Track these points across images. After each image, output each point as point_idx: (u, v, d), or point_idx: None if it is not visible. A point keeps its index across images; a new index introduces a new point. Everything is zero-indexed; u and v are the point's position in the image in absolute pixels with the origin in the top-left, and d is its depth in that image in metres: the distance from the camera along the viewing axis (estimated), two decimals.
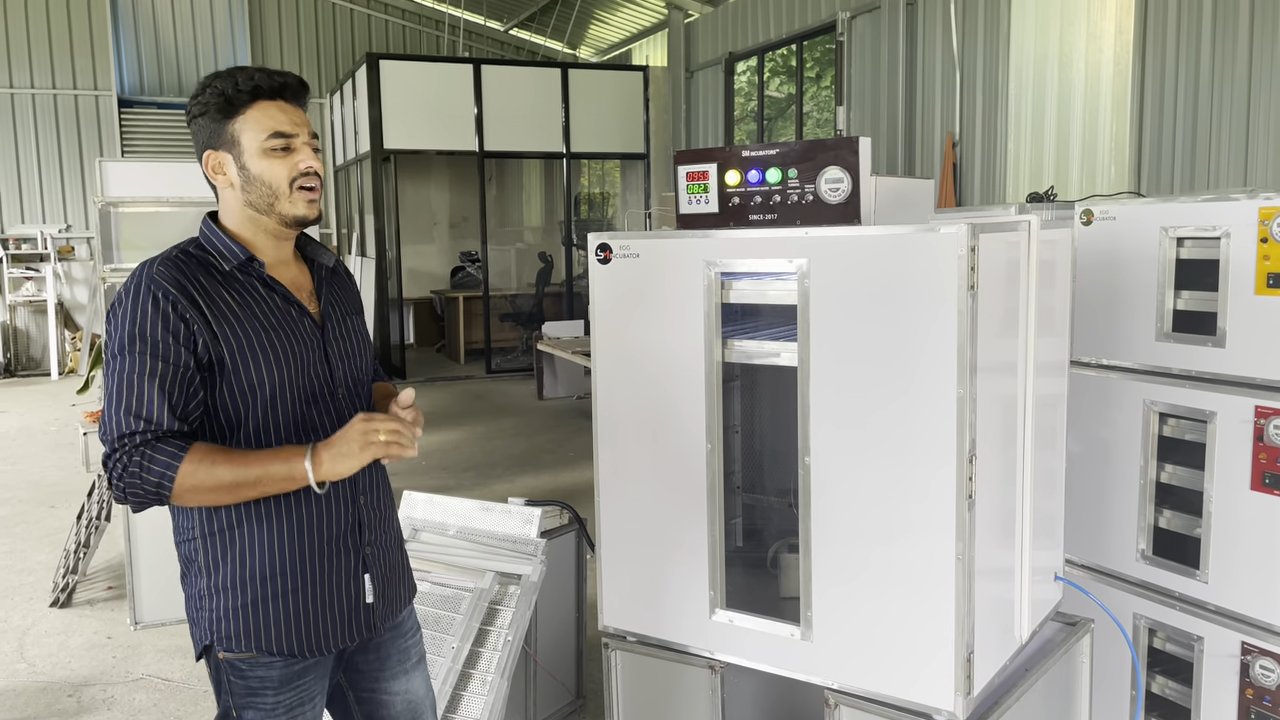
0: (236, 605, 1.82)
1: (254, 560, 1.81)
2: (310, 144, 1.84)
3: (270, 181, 1.80)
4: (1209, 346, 2.54)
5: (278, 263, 1.89)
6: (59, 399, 10.74)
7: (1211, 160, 6.34)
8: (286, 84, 1.82)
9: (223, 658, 1.84)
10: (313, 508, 1.84)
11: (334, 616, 1.88)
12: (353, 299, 2.04)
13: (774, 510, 2.55)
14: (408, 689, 2.10)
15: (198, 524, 1.83)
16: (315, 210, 1.85)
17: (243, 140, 1.80)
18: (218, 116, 1.82)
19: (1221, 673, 2.55)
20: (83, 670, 4.11)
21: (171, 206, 4.89)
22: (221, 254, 1.82)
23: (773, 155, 2.22)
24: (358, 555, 1.91)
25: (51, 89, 13.25)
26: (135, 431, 1.66)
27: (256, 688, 1.85)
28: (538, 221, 15.01)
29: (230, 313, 1.76)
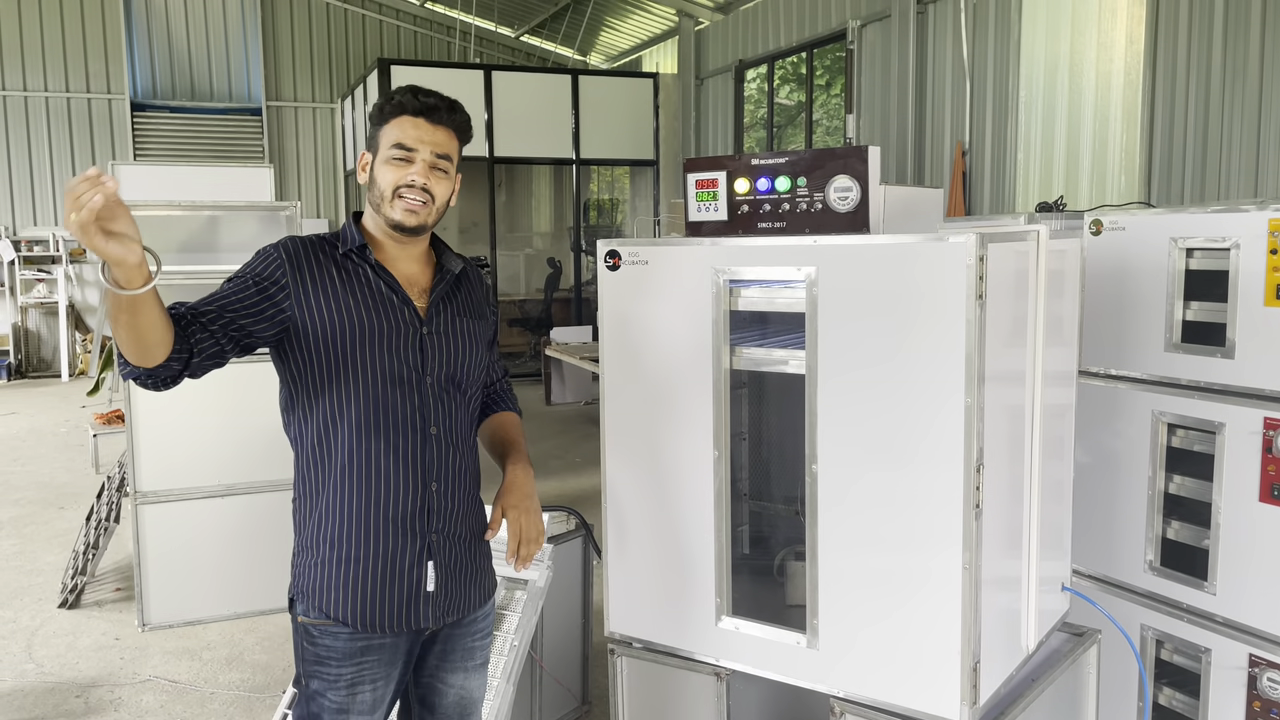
0: (311, 562, 2.00)
1: (328, 524, 1.98)
2: (430, 161, 1.97)
3: (381, 185, 1.98)
4: (1218, 357, 2.54)
5: (399, 259, 2.04)
6: (69, 400, 10.80)
7: (1222, 171, 6.33)
8: (432, 106, 1.99)
9: (300, 621, 2.02)
10: (383, 484, 1.97)
11: (393, 596, 1.98)
12: (477, 304, 2.16)
13: (781, 517, 2.55)
14: (464, 685, 2.19)
15: (297, 485, 2.04)
16: (412, 219, 1.97)
17: (380, 146, 1.99)
18: (374, 122, 2.03)
19: (1229, 685, 2.55)
20: (90, 671, 4.12)
21: (184, 210, 4.92)
22: (343, 239, 2.02)
23: (782, 164, 2.23)
24: (423, 541, 2.01)
25: (65, 92, 13.34)
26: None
27: (323, 656, 1.99)
28: (547, 227, 15.05)
29: (330, 286, 1.95)
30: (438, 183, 1.99)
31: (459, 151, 2.06)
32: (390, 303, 1.98)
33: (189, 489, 4.55)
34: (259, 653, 4.29)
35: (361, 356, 1.94)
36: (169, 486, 4.52)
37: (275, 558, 4.68)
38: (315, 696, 2.02)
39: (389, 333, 1.96)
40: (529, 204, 15.33)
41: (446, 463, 2.03)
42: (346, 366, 1.94)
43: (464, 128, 2.05)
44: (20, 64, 13.13)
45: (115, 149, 13.49)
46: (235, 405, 4.58)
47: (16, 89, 13.12)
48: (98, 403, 8.93)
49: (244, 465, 4.59)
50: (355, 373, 1.94)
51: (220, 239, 5.03)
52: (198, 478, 4.56)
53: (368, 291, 1.97)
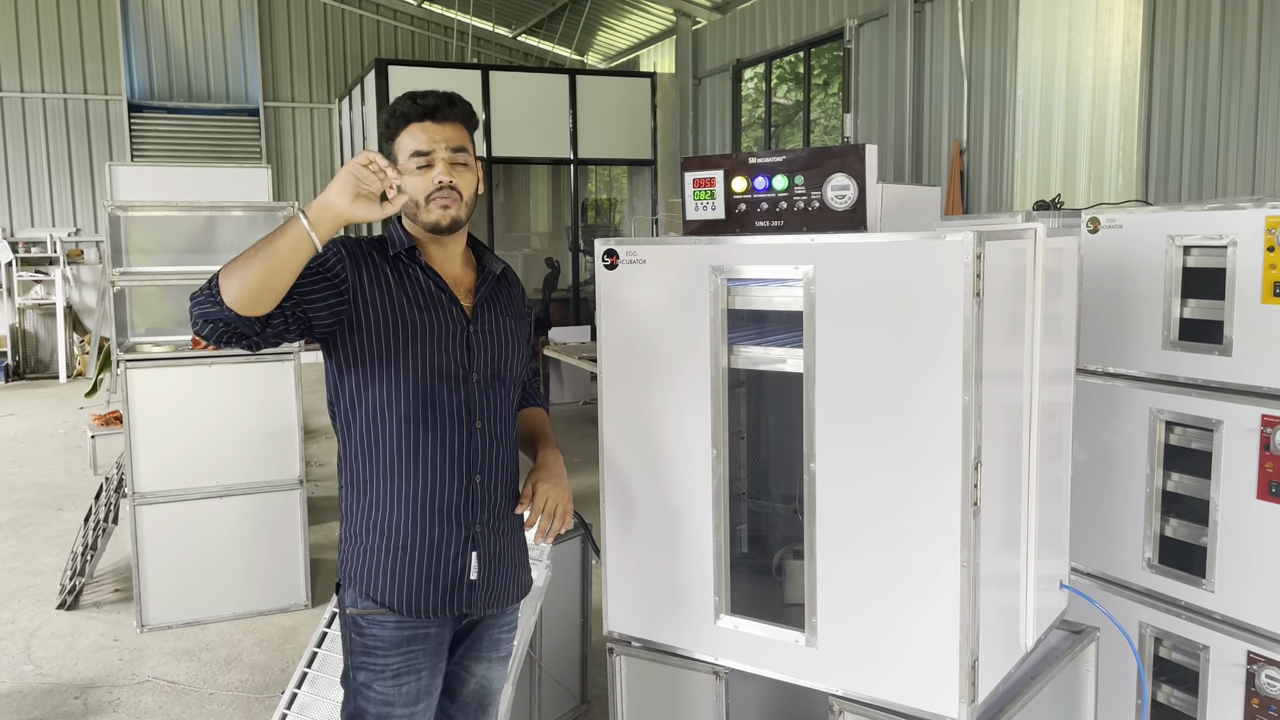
0: (359, 550, 2.08)
1: (376, 512, 2.06)
2: (449, 158, 2.04)
3: (412, 195, 2.04)
4: (1215, 355, 2.54)
5: (443, 260, 2.13)
6: (67, 402, 10.79)
7: (1219, 168, 6.34)
8: (433, 106, 2.05)
9: (349, 613, 2.09)
10: (430, 474, 2.05)
11: (438, 583, 2.06)
12: (516, 304, 2.25)
13: (779, 516, 2.55)
14: (486, 674, 2.27)
15: (344, 474, 2.12)
16: (448, 217, 2.05)
17: (399, 161, 2.06)
18: (387, 139, 2.10)
19: (1227, 682, 2.55)
20: (89, 672, 4.12)
21: (181, 211, 4.91)
22: (393, 242, 2.10)
23: (779, 162, 2.23)
24: (468, 531, 2.09)
25: (62, 93, 13.33)
26: None
27: (371, 645, 2.07)
28: (545, 227, 15.04)
29: (385, 284, 2.04)
30: (460, 176, 2.06)
31: (471, 140, 2.13)
32: (439, 301, 2.08)
33: (187, 490, 4.55)
34: (258, 653, 4.29)
35: (412, 351, 2.02)
36: (167, 487, 4.52)
37: (274, 558, 4.70)
38: (361, 689, 2.09)
39: (439, 330, 2.05)
40: (527, 204, 15.32)
41: (490, 456, 2.12)
42: (397, 360, 2.02)
43: (469, 118, 2.12)
44: (18, 65, 13.12)
45: (112, 150, 13.48)
46: (233, 406, 4.58)
47: (14, 90, 13.11)
48: (95, 404, 8.92)
49: (242, 466, 4.59)
50: (406, 367, 2.02)
51: (218, 239, 5.03)
52: (196, 478, 4.56)
53: (419, 290, 2.06)
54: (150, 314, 5.02)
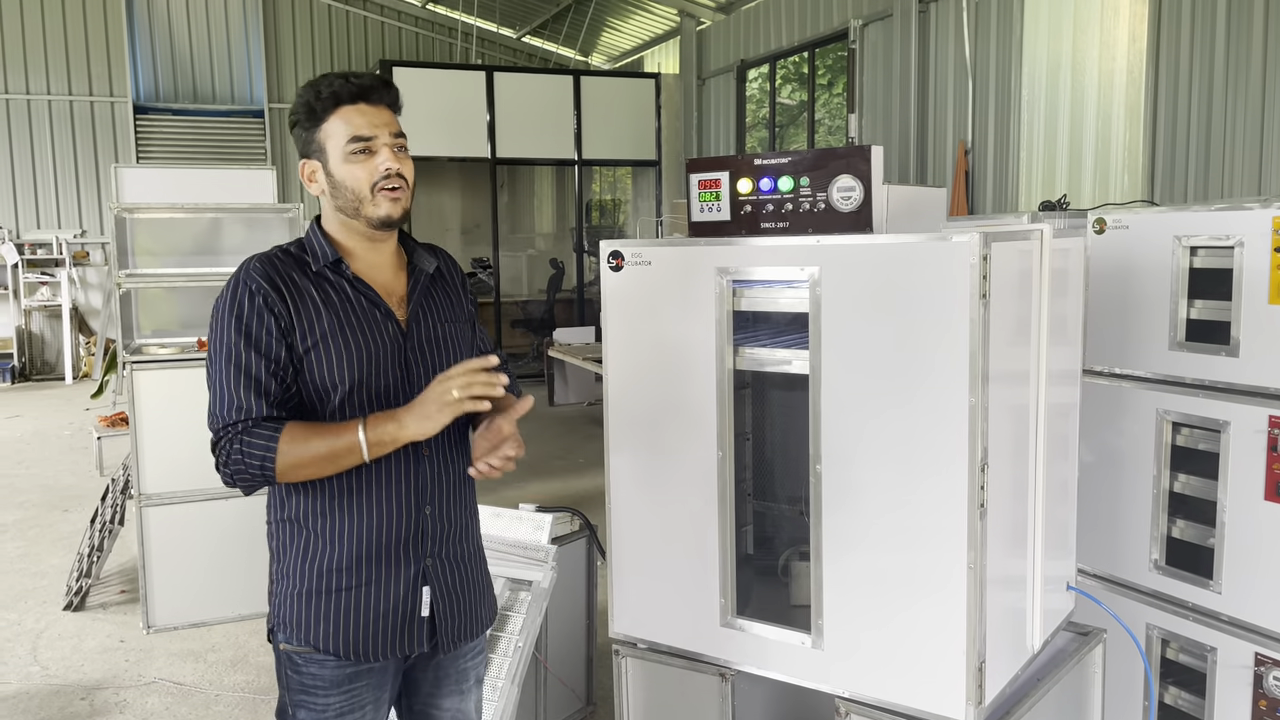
0: (294, 593, 1.88)
1: (313, 553, 1.87)
2: (392, 143, 1.87)
3: (353, 186, 1.85)
4: (1222, 356, 2.53)
5: (373, 266, 1.93)
6: (73, 403, 10.81)
7: (1225, 169, 6.32)
8: (367, 87, 1.86)
9: (282, 649, 1.91)
10: (375, 510, 1.87)
11: (386, 625, 1.89)
12: (455, 305, 2.05)
13: (785, 518, 2.55)
14: (460, 708, 2.11)
15: (274, 510, 1.92)
16: (399, 209, 1.88)
17: (328, 148, 1.86)
18: (307, 125, 1.88)
19: (1234, 684, 2.54)
20: (95, 674, 4.13)
21: (186, 213, 4.92)
22: (315, 254, 1.89)
23: (785, 163, 2.23)
24: (418, 566, 1.91)
25: (68, 95, 13.36)
26: (237, 421, 1.77)
27: (310, 685, 1.90)
28: (549, 228, 15.05)
29: (315, 310, 1.84)
30: (404, 164, 1.89)
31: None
32: (373, 319, 1.88)
33: (193, 491, 4.55)
34: (264, 654, 4.29)
35: (352, 379, 1.83)
36: (173, 489, 4.53)
37: None
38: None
39: (375, 352, 1.86)
40: (531, 205, 15.33)
41: (440, 483, 1.94)
42: (340, 391, 1.83)
43: (398, 103, 1.94)
44: (23, 67, 13.15)
45: (118, 151, 13.51)
46: None
47: (19, 92, 13.14)
48: (101, 405, 8.94)
49: None
50: (341, 396, 1.83)
51: (223, 241, 5.04)
52: (202, 480, 4.56)
53: (350, 309, 1.87)
54: (156, 316, 5.04)
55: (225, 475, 1.80)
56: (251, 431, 1.76)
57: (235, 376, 1.78)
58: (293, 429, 1.77)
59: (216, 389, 1.80)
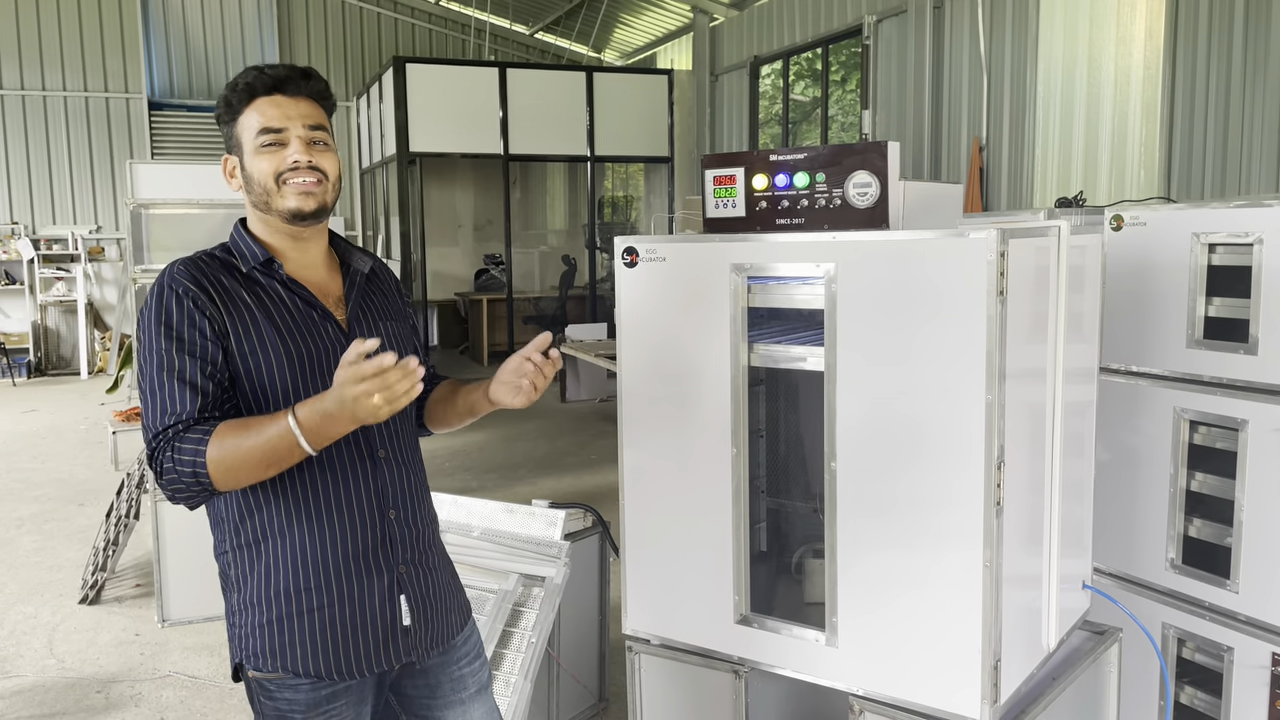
0: (262, 621, 1.78)
1: (279, 575, 1.77)
2: (306, 135, 1.77)
3: (260, 179, 1.77)
4: (1241, 354, 2.51)
5: (304, 265, 1.85)
6: (88, 398, 10.87)
7: (1243, 165, 6.27)
8: (283, 78, 1.77)
9: (252, 676, 1.81)
10: (335, 521, 1.77)
11: (366, 639, 1.81)
12: (392, 304, 1.98)
13: (799, 515, 2.54)
14: (465, 717, 2.01)
15: (229, 537, 1.81)
16: (311, 203, 1.77)
17: (243, 141, 1.79)
18: (226, 120, 1.81)
19: (1252, 684, 2.52)
20: (111, 667, 4.15)
21: (201, 208, 4.94)
22: (243, 255, 1.80)
23: (801, 159, 2.22)
24: (391, 575, 1.83)
25: (83, 91, 13.43)
26: (168, 427, 1.65)
27: (285, 710, 1.80)
28: (561, 225, 15.06)
29: (248, 313, 1.74)
30: (322, 157, 1.78)
31: (329, 121, 1.84)
32: (310, 320, 1.79)
33: None
34: None
35: (293, 385, 1.73)
36: None
37: None
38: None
39: (316, 355, 1.77)
40: (544, 201, 15.34)
41: (400, 486, 1.87)
42: (278, 397, 1.72)
43: (325, 95, 1.83)
44: (39, 64, 13.22)
45: (133, 148, 13.57)
46: None
47: (35, 88, 13.22)
48: (117, 400, 8.99)
49: None
50: (289, 403, 1.67)
51: None
52: None
53: (285, 312, 1.77)
54: None
55: (164, 489, 1.67)
56: (182, 437, 1.63)
57: (167, 382, 1.67)
58: (222, 429, 1.63)
59: (150, 399, 1.68)
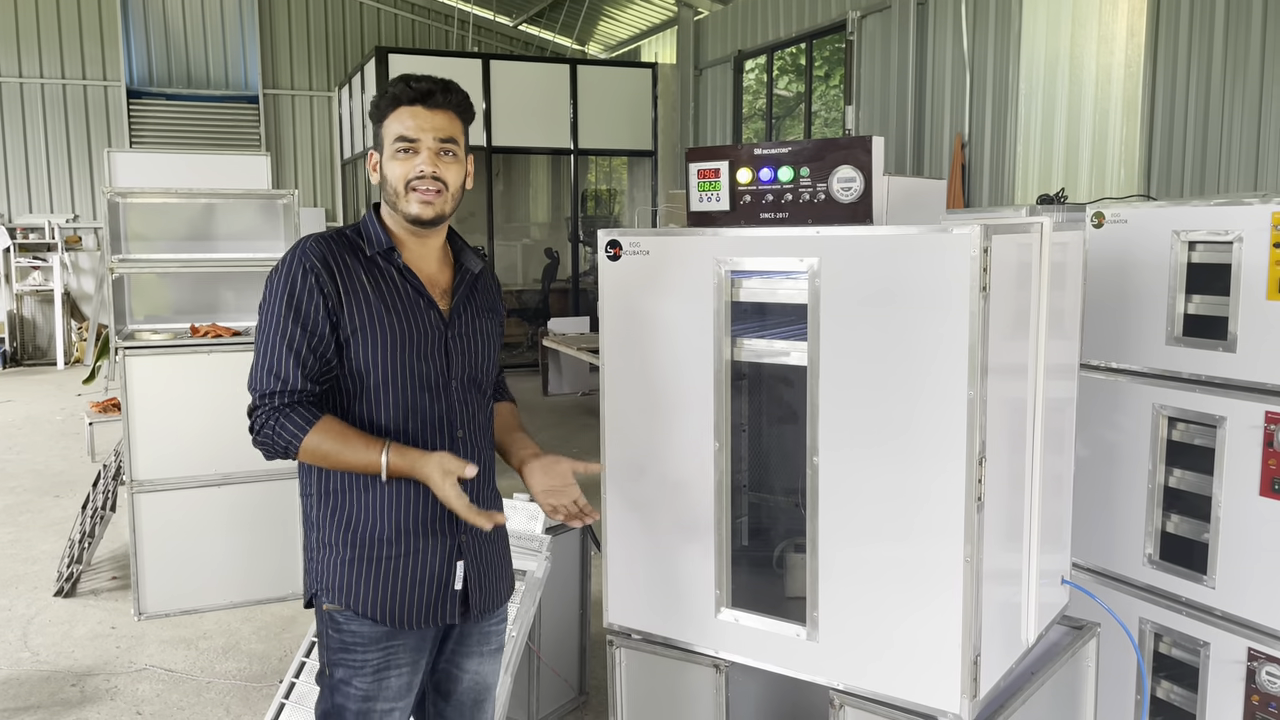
0: (337, 561, 1.99)
1: (356, 523, 1.98)
2: (436, 147, 1.96)
3: (392, 181, 1.97)
4: (1220, 351, 2.53)
5: (420, 257, 2.04)
6: (65, 389, 10.77)
7: (1222, 164, 6.32)
8: (426, 91, 1.96)
9: (325, 609, 2.01)
10: (410, 487, 1.97)
11: (423, 594, 2.00)
12: (491, 303, 2.17)
13: (781, 509, 2.54)
14: (479, 670, 2.20)
15: (315, 483, 2.02)
16: (429, 211, 1.97)
17: (384, 143, 1.99)
18: (375, 120, 2.02)
19: (1227, 678, 2.55)
20: (86, 660, 4.12)
21: (180, 198, 4.89)
22: (369, 240, 2.00)
23: (785, 153, 2.21)
24: (453, 540, 2.03)
25: (61, 79, 13.27)
26: (275, 391, 1.90)
27: (350, 643, 2.00)
28: (544, 217, 15.01)
29: (362, 292, 1.94)
30: (447, 169, 1.97)
31: (464, 132, 2.03)
32: (418, 306, 1.99)
33: (185, 478, 4.53)
34: (255, 642, 4.29)
35: (393, 362, 1.95)
36: (165, 475, 4.51)
37: (272, 547, 4.69)
38: (340, 686, 2.02)
39: (418, 338, 1.98)
40: (527, 194, 15.28)
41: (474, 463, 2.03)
42: (378, 372, 1.95)
43: (464, 107, 2.02)
44: (16, 50, 13.06)
45: (111, 136, 13.43)
46: (232, 394, 4.54)
47: (12, 75, 13.05)
48: (93, 390, 8.91)
49: (241, 454, 4.55)
50: (387, 378, 1.96)
51: (217, 227, 5.01)
52: (194, 466, 4.55)
53: (396, 296, 1.97)
54: (149, 301, 5.01)
55: (254, 439, 1.93)
56: (287, 413, 1.89)
57: (279, 345, 1.90)
58: (325, 425, 1.90)
59: (261, 357, 1.92)
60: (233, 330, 4.71)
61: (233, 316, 4.96)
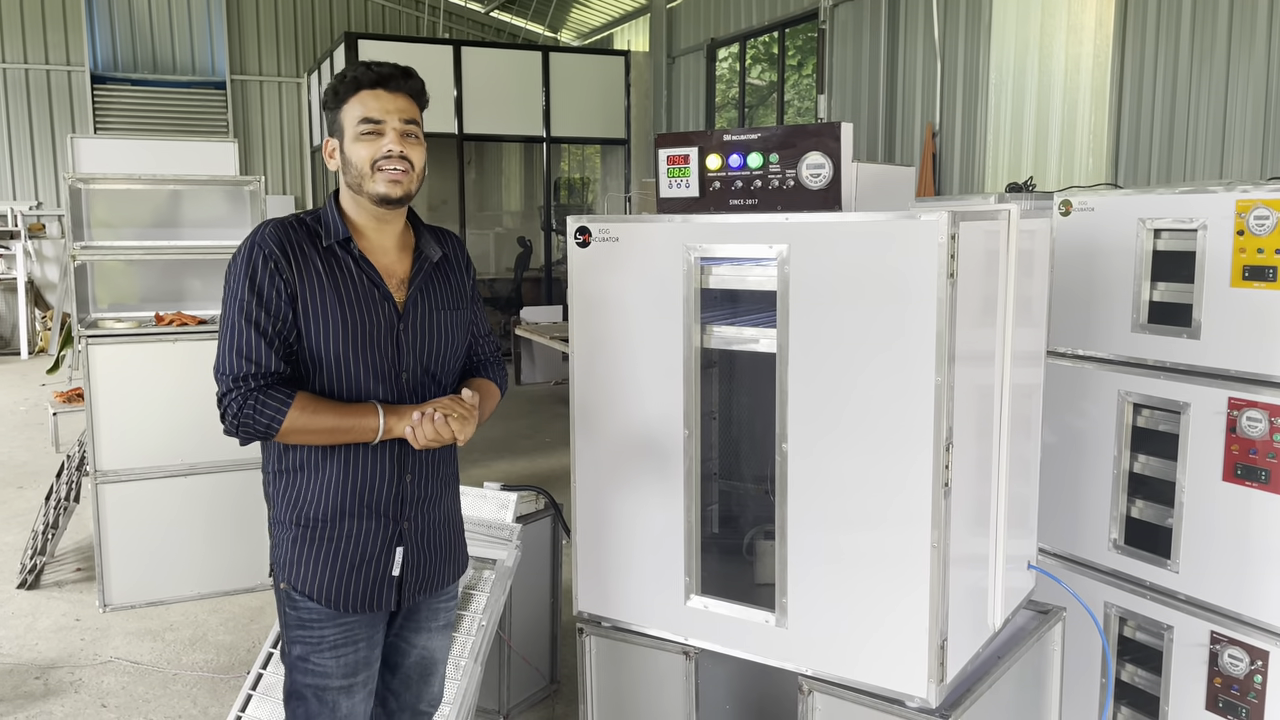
0: (288, 539, 2.04)
1: (304, 503, 2.02)
2: (401, 129, 1.98)
3: (356, 163, 1.97)
4: (1184, 338, 2.55)
5: (379, 246, 2.05)
6: (29, 379, 10.60)
7: (1188, 152, 6.39)
8: (386, 75, 1.99)
9: (282, 587, 2.06)
10: (360, 470, 2.01)
11: (358, 579, 2.03)
12: (455, 293, 2.15)
13: (750, 496, 2.54)
14: (426, 644, 2.23)
15: (272, 461, 2.06)
16: (398, 190, 1.98)
17: (344, 127, 1.99)
18: (331, 107, 2.03)
19: (1190, 661, 2.58)
20: (50, 653, 4.06)
21: (144, 184, 4.81)
22: (327, 228, 2.01)
23: (754, 140, 2.21)
24: (395, 528, 2.06)
25: (23, 64, 13.03)
26: (248, 375, 1.91)
27: (306, 619, 2.04)
28: (517, 206, 14.93)
29: (317, 280, 1.96)
30: (412, 149, 2.00)
31: (420, 117, 2.05)
32: (372, 298, 2.00)
33: (150, 468, 4.48)
34: (223, 633, 4.25)
35: (343, 350, 1.97)
36: (130, 465, 4.45)
37: (239, 537, 4.65)
38: (299, 663, 2.06)
39: (369, 329, 1.99)
40: (499, 182, 15.20)
41: (422, 455, 2.07)
42: (328, 359, 1.97)
43: (420, 93, 2.05)
44: None
45: (75, 122, 13.22)
46: (197, 383, 4.49)
47: None
48: (57, 381, 8.78)
49: (206, 444, 4.52)
50: (338, 365, 1.98)
51: (183, 214, 4.94)
52: (159, 457, 4.49)
53: (350, 285, 1.98)
54: (113, 289, 4.93)
55: (229, 427, 1.93)
56: (266, 392, 1.91)
57: (246, 329, 1.91)
58: (305, 399, 1.93)
59: (229, 342, 1.92)
60: (198, 319, 4.64)
61: (198, 305, 4.89)
